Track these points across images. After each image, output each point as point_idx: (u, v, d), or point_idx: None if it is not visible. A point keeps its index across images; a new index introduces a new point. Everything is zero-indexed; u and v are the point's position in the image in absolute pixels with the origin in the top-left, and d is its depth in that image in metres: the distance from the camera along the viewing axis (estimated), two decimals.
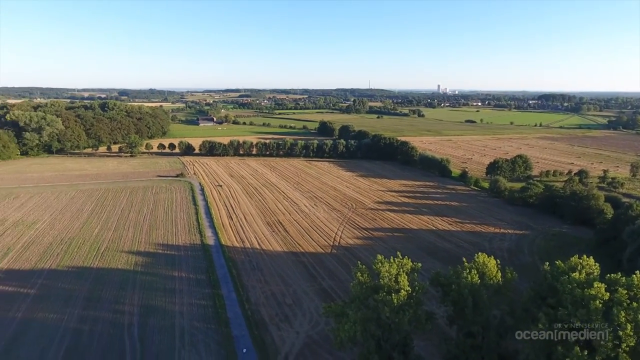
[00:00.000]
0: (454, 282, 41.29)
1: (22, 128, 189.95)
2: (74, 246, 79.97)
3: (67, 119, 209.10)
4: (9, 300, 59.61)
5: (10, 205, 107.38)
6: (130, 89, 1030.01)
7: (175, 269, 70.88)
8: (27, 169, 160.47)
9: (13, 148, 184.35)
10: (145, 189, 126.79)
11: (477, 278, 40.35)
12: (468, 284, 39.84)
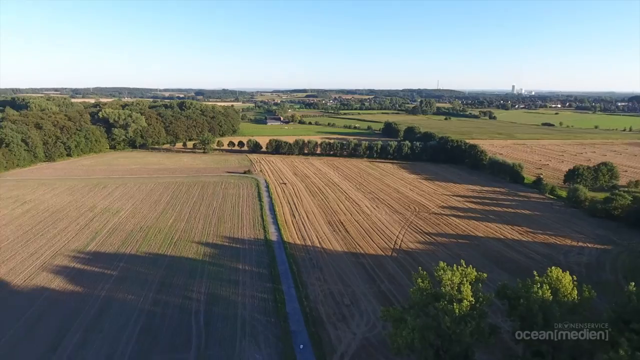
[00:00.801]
0: (523, 296, 38.90)
1: (112, 124, 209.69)
2: (151, 234, 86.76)
3: (150, 116, 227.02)
4: (96, 279, 66.27)
5: (100, 194, 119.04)
6: (205, 89, 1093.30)
7: (240, 262, 74.19)
8: (115, 161, 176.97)
9: (104, 142, 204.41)
10: (215, 183, 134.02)
11: (549, 294, 37.70)
12: (538, 300, 37.34)
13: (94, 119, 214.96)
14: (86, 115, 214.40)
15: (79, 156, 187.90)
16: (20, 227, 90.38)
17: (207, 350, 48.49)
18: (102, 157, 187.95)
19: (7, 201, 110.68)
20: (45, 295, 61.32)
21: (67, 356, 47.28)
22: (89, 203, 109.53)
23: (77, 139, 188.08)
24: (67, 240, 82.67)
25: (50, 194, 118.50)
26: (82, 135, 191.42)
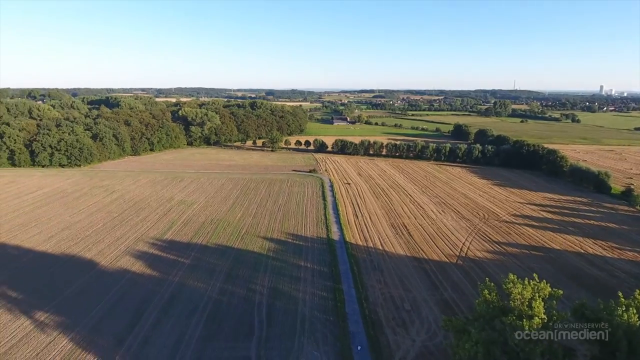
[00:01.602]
0: (604, 318, 35.38)
1: (189, 122, 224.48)
2: (220, 227, 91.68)
3: (224, 115, 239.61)
4: (171, 266, 71.55)
5: (177, 187, 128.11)
6: (275, 89, 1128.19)
7: (302, 259, 75.88)
8: (191, 157, 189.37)
9: (182, 139, 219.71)
10: (281, 181, 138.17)
11: (636, 318, 34.06)
12: (623, 324, 33.69)
13: (174, 117, 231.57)
14: (168, 114, 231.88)
15: (160, 151, 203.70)
16: (109, 214, 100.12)
17: (268, 342, 50.32)
18: (180, 153, 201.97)
19: (99, 190, 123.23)
20: (127, 276, 67.41)
21: (144, 333, 51.68)
22: (167, 195, 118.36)
23: (159, 135, 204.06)
24: (148, 228, 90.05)
25: (134, 185, 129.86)
26: (164, 132, 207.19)
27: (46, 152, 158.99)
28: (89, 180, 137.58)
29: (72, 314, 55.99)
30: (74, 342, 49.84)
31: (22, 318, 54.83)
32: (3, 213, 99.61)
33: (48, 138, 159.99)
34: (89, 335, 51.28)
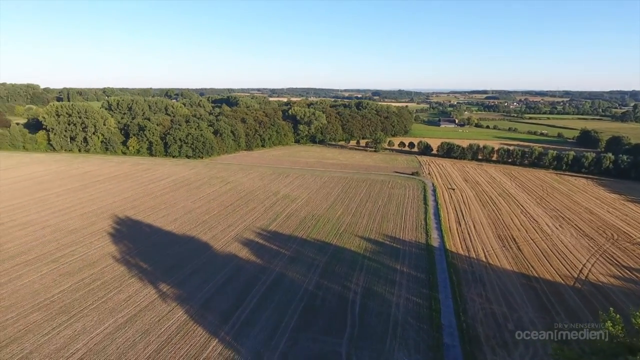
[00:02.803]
0: None
1: (298, 121, 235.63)
2: (320, 223, 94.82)
3: (330, 115, 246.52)
4: (273, 255, 76.31)
5: (283, 182, 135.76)
6: (382, 90, 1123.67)
7: (398, 262, 74.80)
8: (297, 154, 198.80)
9: (290, 136, 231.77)
10: (382, 182, 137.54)
11: None
12: None
13: (284, 115, 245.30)
14: (279, 112, 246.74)
15: (270, 147, 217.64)
16: (223, 202, 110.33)
17: (359, 341, 50.83)
18: (287, 150, 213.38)
19: (216, 180, 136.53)
20: (235, 261, 73.69)
21: (246, 315, 56.09)
22: (274, 188, 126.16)
23: (270, 133, 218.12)
24: (255, 219, 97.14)
25: (246, 178, 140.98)
26: (274, 129, 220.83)
27: (176, 145, 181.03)
28: (208, 171, 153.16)
29: (188, 289, 63.25)
30: (188, 314, 56.28)
31: (149, 287, 63.61)
32: (140, 196, 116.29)
33: (178, 132, 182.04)
34: (200, 310, 57.42)
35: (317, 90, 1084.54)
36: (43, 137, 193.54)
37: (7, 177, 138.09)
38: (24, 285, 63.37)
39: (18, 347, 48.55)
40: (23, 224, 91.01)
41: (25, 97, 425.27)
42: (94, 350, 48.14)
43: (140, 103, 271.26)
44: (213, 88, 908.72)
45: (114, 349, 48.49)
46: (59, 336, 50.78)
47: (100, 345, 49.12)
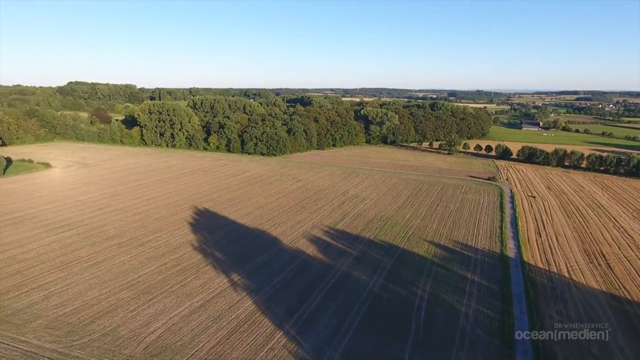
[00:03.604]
0: None
1: (370, 121, 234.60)
2: (388, 225, 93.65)
3: (402, 115, 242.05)
4: (339, 254, 76.97)
5: (352, 182, 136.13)
6: (459, 90, 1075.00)
7: (469, 271, 71.49)
8: (368, 154, 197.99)
9: (361, 137, 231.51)
10: (455, 186, 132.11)
11: None
12: None
13: (356, 115, 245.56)
14: (351, 112, 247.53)
15: (341, 147, 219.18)
16: (294, 199, 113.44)
17: (423, 348, 49.52)
18: (358, 150, 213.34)
19: (287, 177, 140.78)
20: (302, 257, 75.49)
21: (310, 311, 57.28)
22: (343, 188, 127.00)
23: (341, 132, 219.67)
24: (323, 217, 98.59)
25: (316, 176, 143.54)
26: (346, 129, 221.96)
27: (252, 142, 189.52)
28: (281, 168, 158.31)
29: (256, 280, 66.12)
30: (256, 304, 58.85)
31: (222, 276, 67.52)
32: (217, 189, 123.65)
33: (255, 130, 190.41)
34: (267, 301, 59.76)
35: (390, 91, 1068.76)
36: (137, 132, 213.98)
37: (107, 167, 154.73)
38: (116, 265, 70.65)
39: (109, 320, 54.30)
40: (118, 210, 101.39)
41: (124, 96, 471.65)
42: (172, 330, 52.30)
43: (221, 102, 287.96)
44: (288, 88, 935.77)
45: (188, 330, 52.28)
46: (142, 314, 55.93)
47: (177, 326, 53.23)
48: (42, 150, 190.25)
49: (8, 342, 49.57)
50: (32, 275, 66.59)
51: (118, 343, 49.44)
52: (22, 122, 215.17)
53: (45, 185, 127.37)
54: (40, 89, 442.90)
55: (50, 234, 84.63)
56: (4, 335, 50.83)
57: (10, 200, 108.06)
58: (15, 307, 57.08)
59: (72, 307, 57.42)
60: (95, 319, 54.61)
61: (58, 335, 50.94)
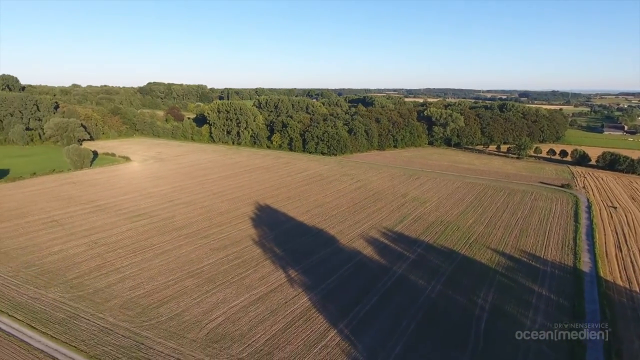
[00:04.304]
0: None
1: (433, 122, 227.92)
2: (449, 230, 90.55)
3: (468, 117, 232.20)
4: (396, 257, 75.84)
5: (413, 184, 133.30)
6: (531, 91, 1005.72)
7: (536, 283, 67.09)
8: (430, 156, 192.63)
9: (423, 138, 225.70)
10: (524, 192, 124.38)
11: None
12: None
13: (419, 116, 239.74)
14: (414, 113, 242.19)
15: (402, 148, 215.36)
16: (352, 200, 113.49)
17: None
18: (419, 151, 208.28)
19: (347, 177, 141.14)
20: (359, 258, 75.37)
21: (364, 312, 57.07)
22: (402, 190, 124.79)
23: (403, 133, 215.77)
24: (381, 218, 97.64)
25: (375, 177, 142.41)
26: (408, 130, 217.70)
27: (313, 142, 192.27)
28: (341, 168, 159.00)
29: (313, 277, 67.13)
30: (311, 301, 59.78)
31: (280, 270, 69.40)
32: (278, 186, 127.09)
33: (316, 130, 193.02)
34: (322, 299, 60.47)
35: (456, 91, 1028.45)
36: (206, 130, 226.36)
37: (178, 162, 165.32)
38: (183, 254, 75.31)
39: (174, 305, 58.07)
40: (186, 202, 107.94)
41: (195, 96, 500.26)
42: (231, 319, 54.76)
43: (285, 102, 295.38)
44: (351, 88, 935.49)
45: (246, 321, 54.42)
46: (205, 302, 59.13)
47: (236, 315, 55.62)
48: (124, 145, 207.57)
49: (89, 317, 54.86)
50: (111, 258, 73.04)
51: (182, 327, 52.75)
52: (107, 119, 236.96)
53: (125, 177, 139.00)
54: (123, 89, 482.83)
55: (127, 222, 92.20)
56: (86, 311, 56.32)
57: (95, 190, 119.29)
58: (96, 287, 62.98)
59: (143, 290, 62.19)
60: (163, 303, 58.68)
61: (131, 315, 55.44)
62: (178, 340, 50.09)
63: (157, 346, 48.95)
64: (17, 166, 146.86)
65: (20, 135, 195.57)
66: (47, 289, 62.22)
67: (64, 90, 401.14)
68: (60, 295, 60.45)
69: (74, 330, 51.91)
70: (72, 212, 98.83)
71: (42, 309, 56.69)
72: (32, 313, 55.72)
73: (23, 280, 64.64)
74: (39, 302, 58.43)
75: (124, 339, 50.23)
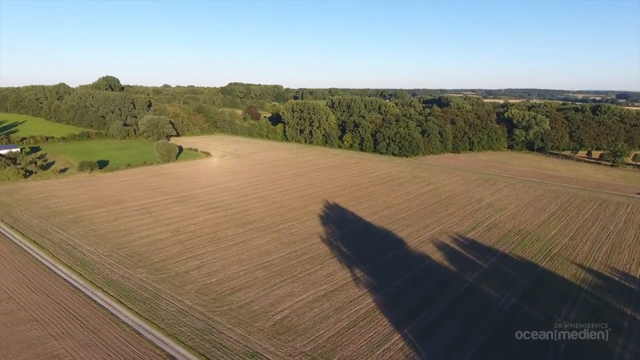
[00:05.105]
0: None
1: (514, 125, 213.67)
2: (527, 240, 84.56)
3: (555, 119, 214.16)
4: (467, 264, 72.61)
5: (489, 189, 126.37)
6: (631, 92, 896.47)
7: (629, 306, 60.29)
8: (509, 161, 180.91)
9: (502, 141, 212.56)
10: (618, 204, 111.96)
11: None
12: None
13: (498, 118, 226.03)
14: (492, 115, 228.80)
15: (478, 151, 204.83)
16: (423, 202, 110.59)
17: None
18: (497, 155, 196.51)
19: (418, 180, 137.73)
20: (427, 262, 73.35)
21: (430, 319, 55.44)
22: (477, 195, 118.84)
23: (480, 136, 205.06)
24: (453, 223, 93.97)
25: (448, 180, 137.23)
26: (486, 132, 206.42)
27: (385, 142, 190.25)
28: (412, 170, 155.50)
29: (379, 279, 66.65)
30: (376, 303, 59.42)
31: (346, 269, 69.86)
32: (348, 186, 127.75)
33: (388, 130, 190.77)
34: (387, 301, 59.83)
35: (542, 92, 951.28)
36: (280, 128, 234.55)
37: (253, 159, 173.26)
38: (254, 247, 78.89)
39: (244, 295, 61.08)
40: (260, 197, 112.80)
41: (272, 95, 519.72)
42: (296, 313, 56.33)
43: (358, 102, 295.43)
44: (425, 89, 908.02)
45: (310, 316, 55.63)
46: (272, 293, 61.44)
47: (301, 310, 57.09)
48: (205, 141, 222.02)
49: (168, 298, 59.73)
50: (190, 246, 78.75)
51: (251, 316, 55.37)
52: (192, 117, 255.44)
53: (205, 171, 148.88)
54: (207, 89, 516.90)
55: (205, 213, 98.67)
56: (166, 292, 61.40)
57: (179, 182, 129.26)
58: (176, 271, 68.34)
59: (217, 277, 66.25)
60: (234, 291, 62.02)
61: (205, 300, 59.39)
62: (246, 328, 52.70)
63: (227, 331, 51.95)
64: (115, 158, 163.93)
65: (119, 130, 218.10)
66: (134, 269, 68.85)
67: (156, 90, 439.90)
68: (145, 276, 66.55)
69: (156, 310, 56.89)
70: (158, 201, 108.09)
71: (130, 287, 62.87)
72: (121, 290, 62.04)
73: (115, 260, 72.17)
74: (127, 281, 64.87)
75: (198, 322, 54.01)
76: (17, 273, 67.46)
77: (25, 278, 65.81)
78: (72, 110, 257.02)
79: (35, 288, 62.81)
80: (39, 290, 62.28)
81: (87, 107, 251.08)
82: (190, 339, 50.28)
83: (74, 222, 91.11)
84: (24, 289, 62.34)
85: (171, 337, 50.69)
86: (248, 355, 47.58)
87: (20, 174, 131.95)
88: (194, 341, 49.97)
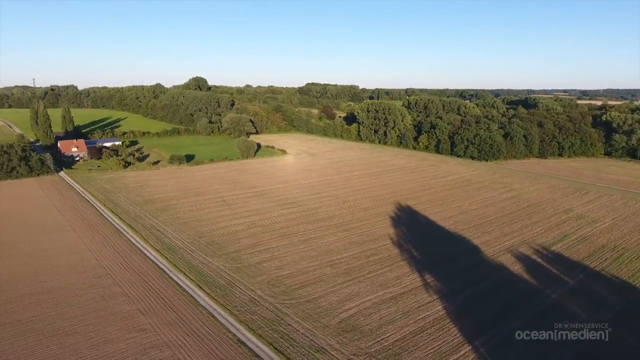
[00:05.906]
0: None
1: (613, 129, 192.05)
2: (625, 257, 75.82)
3: None
4: (550, 280, 67.08)
5: (579, 199, 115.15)
6: None
7: None
8: (605, 169, 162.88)
9: (598, 147, 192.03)
10: None
11: None
12: None
13: (595, 122, 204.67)
14: (587, 118, 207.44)
15: (568, 157, 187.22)
16: (502, 209, 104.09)
17: None
18: (591, 162, 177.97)
19: (498, 185, 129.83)
20: (504, 274, 69.04)
21: (505, 334, 52.03)
22: (565, 205, 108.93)
23: (572, 140, 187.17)
24: (535, 234, 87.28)
25: (533, 187, 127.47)
26: (579, 137, 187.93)
27: (463, 144, 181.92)
28: (492, 174, 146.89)
29: (450, 286, 64.15)
30: (446, 311, 57.31)
31: (415, 273, 68.24)
32: (421, 189, 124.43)
33: (467, 132, 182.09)
34: (458, 310, 57.40)
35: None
36: (355, 128, 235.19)
37: (327, 158, 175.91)
38: (324, 244, 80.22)
39: (312, 290, 62.44)
40: (331, 196, 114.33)
41: (347, 96, 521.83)
42: (362, 313, 56.32)
43: (435, 102, 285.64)
44: (510, 89, 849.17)
45: (376, 318, 55.26)
46: (340, 291, 62.05)
47: (367, 311, 56.94)
48: (282, 139, 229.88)
49: (242, 287, 63.08)
50: (264, 239, 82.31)
51: (318, 312, 56.48)
52: (270, 116, 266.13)
53: (280, 167, 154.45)
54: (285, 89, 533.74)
55: (279, 208, 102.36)
56: (240, 281, 64.87)
57: (256, 178, 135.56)
58: (250, 262, 71.89)
59: (288, 271, 68.51)
60: (303, 286, 63.69)
61: (275, 292, 61.75)
62: (313, 322, 53.87)
63: (294, 324, 53.57)
64: (200, 152, 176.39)
65: (205, 127, 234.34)
66: (213, 257, 73.67)
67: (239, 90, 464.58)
68: (222, 264, 70.92)
69: (230, 297, 60.40)
70: (237, 194, 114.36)
71: (208, 274, 67.44)
72: (201, 276, 66.80)
73: (196, 247, 77.83)
74: (206, 267, 69.64)
75: (267, 312, 56.36)
76: (115, 253, 75.74)
77: (121, 257, 73.65)
78: (166, 108, 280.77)
79: (128, 267, 70.05)
80: (131, 269, 69.36)
81: (179, 105, 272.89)
82: (260, 327, 52.67)
83: (163, 210, 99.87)
84: (119, 267, 69.83)
85: (242, 324, 53.52)
86: (313, 349, 48.64)
87: (121, 165, 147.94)
88: (263, 330, 52.27)
